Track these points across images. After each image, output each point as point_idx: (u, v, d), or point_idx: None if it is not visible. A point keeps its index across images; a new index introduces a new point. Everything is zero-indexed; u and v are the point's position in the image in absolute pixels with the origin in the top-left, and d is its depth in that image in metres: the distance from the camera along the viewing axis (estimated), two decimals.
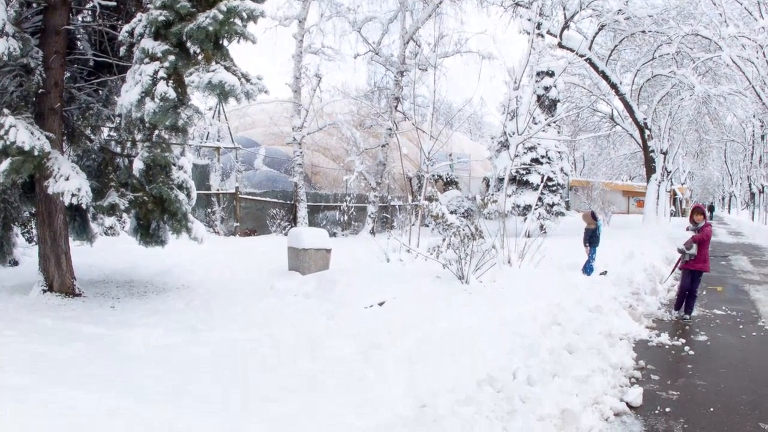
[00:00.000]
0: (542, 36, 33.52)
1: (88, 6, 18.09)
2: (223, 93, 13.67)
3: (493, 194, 40.24)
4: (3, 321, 13.31)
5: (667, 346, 12.92)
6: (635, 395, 9.32)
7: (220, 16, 13.37)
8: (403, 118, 40.64)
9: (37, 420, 7.29)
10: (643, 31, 40.91)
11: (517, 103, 28.12)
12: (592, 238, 21.85)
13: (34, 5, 16.68)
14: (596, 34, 42.46)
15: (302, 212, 37.85)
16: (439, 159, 39.51)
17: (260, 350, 11.74)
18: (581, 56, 38.77)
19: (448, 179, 48.75)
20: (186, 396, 8.69)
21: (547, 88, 41.78)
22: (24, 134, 14.09)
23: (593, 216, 22.12)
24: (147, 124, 16.70)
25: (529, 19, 30.84)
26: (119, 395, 8.48)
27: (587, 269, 21.44)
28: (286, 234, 30.41)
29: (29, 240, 24.12)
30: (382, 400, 8.64)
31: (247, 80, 14.12)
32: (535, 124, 33.08)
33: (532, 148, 40.03)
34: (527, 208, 38.43)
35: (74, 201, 14.85)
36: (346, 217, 40.05)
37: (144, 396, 8.53)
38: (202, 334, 13.11)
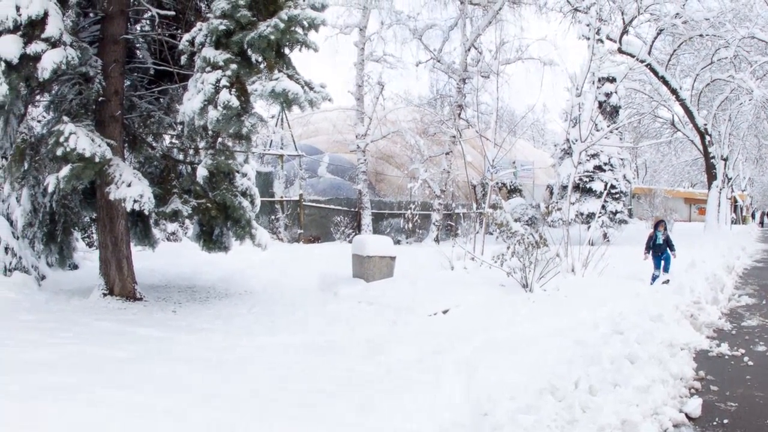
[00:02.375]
0: (602, 41, 33.35)
1: (146, 16, 18.25)
2: (286, 101, 13.77)
3: (557, 202, 40.05)
4: (60, 323, 13.49)
5: (726, 357, 12.70)
6: (694, 406, 9.18)
7: (281, 25, 13.45)
8: (467, 125, 40.52)
9: (83, 418, 7.35)
10: (701, 35, 40.61)
11: (579, 110, 27.98)
12: (655, 247, 21.66)
13: (91, 15, 16.90)
14: (655, 38, 42.19)
15: (366, 219, 37.88)
16: (503, 166, 39.38)
17: (318, 354, 11.77)
18: (641, 62, 38.46)
19: (512, 187, 48.67)
20: (242, 398, 8.71)
21: (608, 95, 41.54)
22: (84, 141, 14.25)
23: (658, 226, 21.94)
24: (210, 132, 16.81)
25: (588, 25, 30.58)
26: (172, 397, 8.52)
27: (654, 279, 21.28)
28: (350, 241, 30.40)
29: (89, 245, 24.41)
30: (440, 406, 8.62)
31: (311, 88, 14.19)
32: (598, 131, 32.83)
33: (594, 156, 39.79)
34: (591, 215, 38.13)
35: (136, 207, 15.00)
36: (410, 225, 39.98)
37: (197, 398, 8.56)
38: (262, 339, 13.17)
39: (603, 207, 38.67)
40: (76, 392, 8.37)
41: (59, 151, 14.13)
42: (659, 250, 21.69)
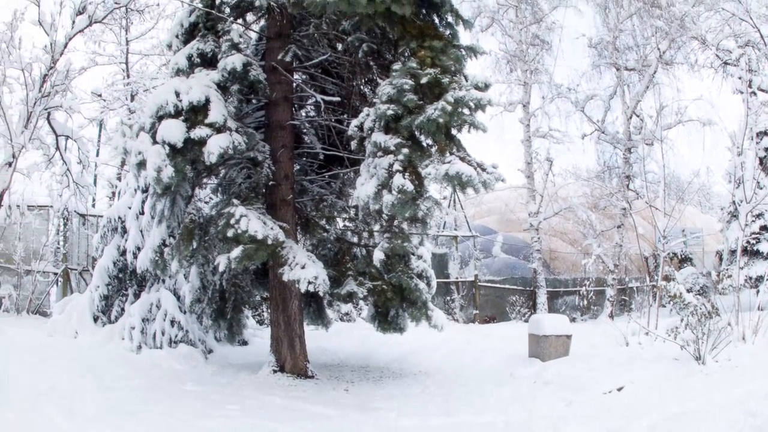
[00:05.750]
0: (755, 93, 32.56)
1: (310, 102, 18.77)
2: (460, 184, 13.86)
3: (727, 268, 39.19)
4: (228, 395, 13.93)
5: None
6: None
7: (449, 108, 13.58)
8: (636, 196, 40.03)
9: None
10: None
11: (742, 170, 27.47)
12: None
13: (254, 101, 17.51)
14: None
15: (542, 298, 37.37)
16: (673, 236, 38.63)
17: None
18: None
19: (683, 256, 47.70)
20: None
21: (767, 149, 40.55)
22: (256, 224, 14.71)
23: None
24: (385, 216, 17.06)
25: (739, 78, 30.17)
26: None
27: None
28: (525, 320, 30.17)
29: (260, 322, 25.10)
30: None
31: (483, 170, 14.23)
32: (760, 189, 32.16)
33: (759, 216, 38.64)
34: (759, 279, 37.01)
35: (311, 288, 15.20)
36: (585, 302, 39.46)
37: None
38: (437, 419, 13.19)
39: None
40: None
41: (230, 233, 14.62)
42: None
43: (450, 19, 16.25)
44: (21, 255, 22.82)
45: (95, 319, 19.42)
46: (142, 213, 18.81)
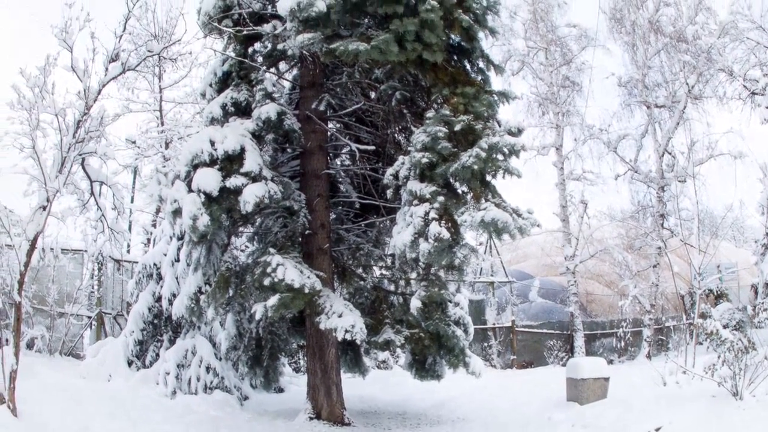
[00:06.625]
0: None
1: (345, 150, 18.84)
2: (496, 230, 13.72)
3: (762, 302, 38.87)
4: None
5: None
6: None
7: (483, 154, 13.61)
8: (671, 234, 39.83)
9: None
10: None
11: None
12: None
13: (289, 150, 17.61)
14: None
15: (579, 342, 37.04)
16: (709, 272, 38.34)
17: None
18: None
19: (719, 292, 47.38)
20: None
21: None
22: (293, 272, 14.74)
23: None
24: (421, 264, 17.05)
25: (767, 107, 30.03)
26: None
27: None
28: (563, 365, 30.09)
29: (296, 369, 25.06)
30: None
31: (519, 215, 14.16)
32: None
33: None
34: None
35: (348, 337, 15.17)
36: (622, 343, 39.26)
37: None
38: None
39: None
40: None
41: (266, 281, 14.68)
42: None
43: (481, 64, 16.38)
44: (54, 297, 22.84)
45: (129, 364, 19.58)
46: (178, 260, 18.91)
